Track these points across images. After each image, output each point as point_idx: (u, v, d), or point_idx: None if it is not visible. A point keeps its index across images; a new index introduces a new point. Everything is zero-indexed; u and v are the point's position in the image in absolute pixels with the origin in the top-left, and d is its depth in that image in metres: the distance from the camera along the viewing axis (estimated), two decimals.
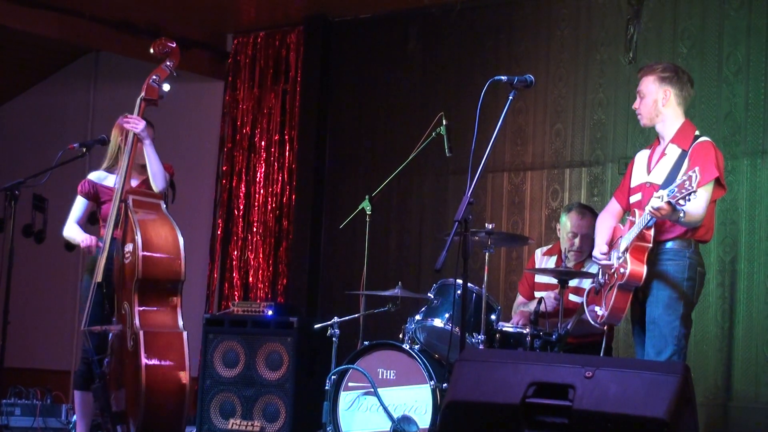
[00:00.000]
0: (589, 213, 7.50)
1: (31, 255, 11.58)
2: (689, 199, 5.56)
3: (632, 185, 6.34)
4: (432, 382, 7.11)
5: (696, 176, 5.52)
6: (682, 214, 5.72)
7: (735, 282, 7.98)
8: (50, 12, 9.96)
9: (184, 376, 6.82)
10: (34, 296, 11.77)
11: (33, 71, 12.02)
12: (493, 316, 7.24)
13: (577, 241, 7.44)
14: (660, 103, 6.18)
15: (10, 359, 7.29)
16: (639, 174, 6.32)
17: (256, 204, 10.54)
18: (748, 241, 7.95)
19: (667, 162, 6.12)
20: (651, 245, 5.99)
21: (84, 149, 7.38)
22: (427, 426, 7.11)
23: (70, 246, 11.46)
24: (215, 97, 10.86)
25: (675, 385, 4.94)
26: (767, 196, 7.91)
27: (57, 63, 11.98)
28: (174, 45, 7.29)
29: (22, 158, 11.44)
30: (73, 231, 7.32)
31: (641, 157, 6.38)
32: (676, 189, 5.58)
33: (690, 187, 5.52)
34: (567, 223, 7.52)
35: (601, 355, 6.62)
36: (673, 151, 6.13)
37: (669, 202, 5.62)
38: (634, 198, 6.28)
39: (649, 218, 5.87)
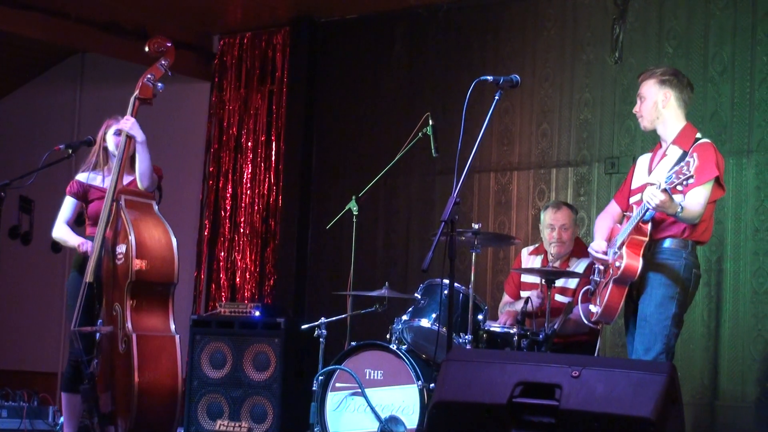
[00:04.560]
0: (565, 206, 7.59)
1: (18, 257, 11.56)
2: (686, 184, 5.55)
3: (633, 187, 6.34)
4: (419, 383, 7.12)
5: (694, 161, 5.50)
6: (679, 209, 5.70)
7: (721, 281, 7.99)
8: (36, 13, 9.92)
9: (177, 380, 6.81)
10: (21, 298, 11.75)
11: (18, 73, 11.99)
12: (480, 316, 7.24)
13: (555, 233, 7.47)
14: (660, 105, 6.18)
15: None
16: (640, 176, 6.32)
17: (242, 205, 10.54)
18: (734, 240, 7.97)
19: (668, 162, 6.11)
20: (647, 239, 5.97)
21: (70, 150, 7.37)
22: (415, 426, 7.11)
23: (57, 247, 11.47)
24: (201, 98, 10.85)
25: (662, 384, 4.94)
26: (753, 196, 7.93)
27: (43, 64, 11.95)
28: (170, 44, 7.27)
29: (8, 160, 11.41)
30: (63, 232, 7.30)
31: (643, 160, 6.39)
32: (673, 175, 5.55)
33: (687, 172, 5.49)
34: (544, 219, 7.59)
35: (595, 353, 6.60)
36: (674, 152, 6.13)
37: (665, 190, 5.61)
38: (634, 199, 6.27)
39: (645, 209, 5.85)
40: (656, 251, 6.06)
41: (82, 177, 7.35)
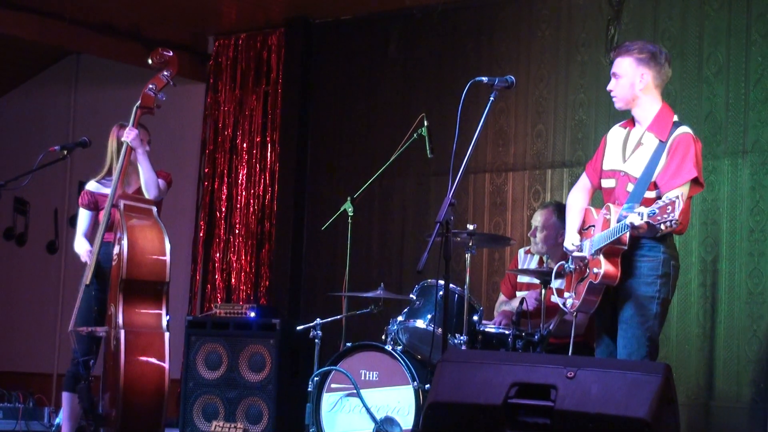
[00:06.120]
0: (550, 207, 7.58)
1: (13, 258, 11.55)
2: (669, 225, 5.42)
3: (605, 167, 6.12)
4: (414, 383, 7.12)
5: (679, 203, 5.37)
6: (661, 229, 5.53)
7: (716, 282, 7.99)
8: (31, 14, 9.92)
9: (164, 376, 6.82)
10: (16, 299, 11.75)
11: (13, 74, 11.98)
12: (475, 317, 7.24)
13: (537, 232, 7.50)
14: (637, 87, 5.98)
15: None
16: (613, 157, 6.10)
17: (238, 206, 10.54)
18: (729, 240, 7.97)
19: (644, 153, 5.94)
20: (626, 247, 5.81)
21: (65, 152, 7.40)
22: (410, 427, 7.12)
23: (52, 249, 11.48)
24: (196, 100, 10.85)
25: (656, 385, 4.95)
26: (748, 196, 7.93)
27: (37, 65, 11.94)
28: (171, 54, 7.31)
29: (3, 161, 11.40)
30: (80, 246, 7.38)
31: (616, 135, 6.16)
32: (657, 210, 5.41)
33: (672, 216, 5.36)
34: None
35: (570, 353, 6.52)
36: (651, 142, 5.94)
37: (648, 223, 5.47)
38: (607, 183, 6.09)
39: (626, 230, 5.68)
40: (633, 247, 5.86)
41: (91, 187, 7.40)
